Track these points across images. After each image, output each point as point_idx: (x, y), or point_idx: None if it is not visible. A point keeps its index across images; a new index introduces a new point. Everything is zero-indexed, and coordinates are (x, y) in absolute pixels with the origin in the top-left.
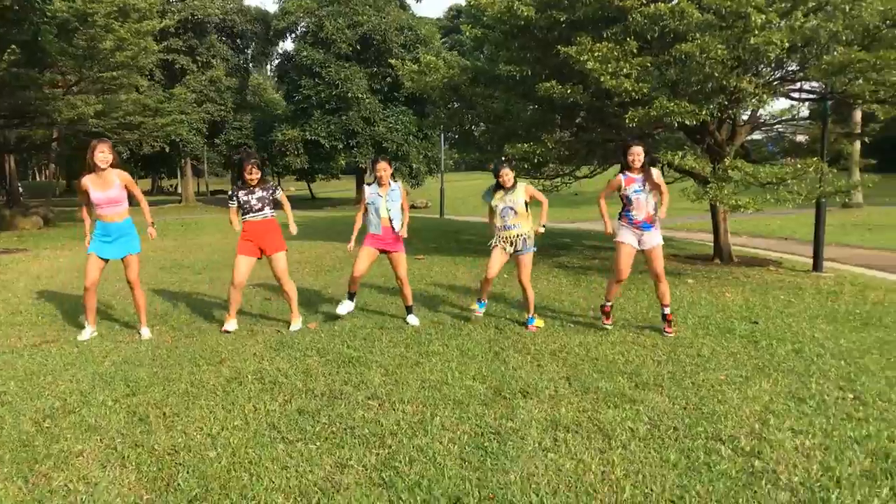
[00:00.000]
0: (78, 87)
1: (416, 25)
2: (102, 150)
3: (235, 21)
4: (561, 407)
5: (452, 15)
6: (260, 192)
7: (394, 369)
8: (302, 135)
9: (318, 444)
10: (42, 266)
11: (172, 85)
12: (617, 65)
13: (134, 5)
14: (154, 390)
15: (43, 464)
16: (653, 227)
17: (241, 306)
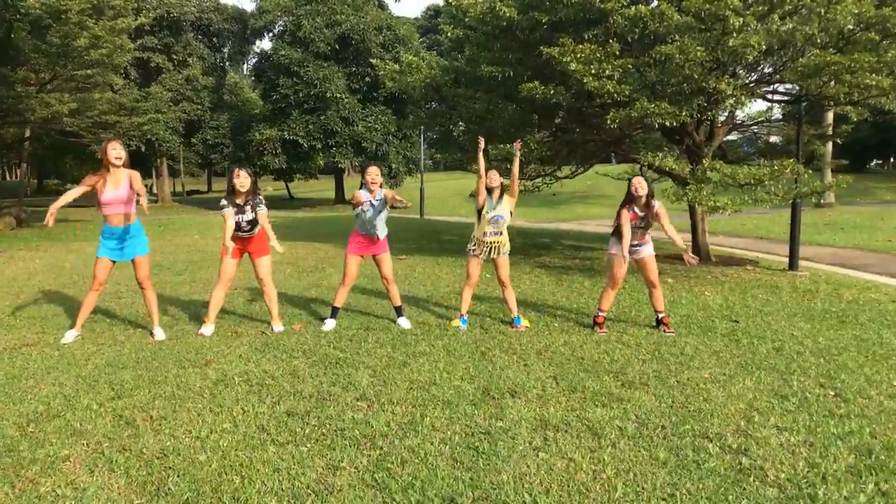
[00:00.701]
0: (52, 85)
1: (395, 25)
2: (115, 148)
3: (212, 19)
4: (549, 406)
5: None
6: (250, 214)
7: (381, 370)
8: (280, 134)
9: (308, 446)
10: (17, 268)
11: (148, 84)
12: (599, 66)
13: (108, 2)
14: (140, 393)
15: (29, 469)
16: (644, 245)
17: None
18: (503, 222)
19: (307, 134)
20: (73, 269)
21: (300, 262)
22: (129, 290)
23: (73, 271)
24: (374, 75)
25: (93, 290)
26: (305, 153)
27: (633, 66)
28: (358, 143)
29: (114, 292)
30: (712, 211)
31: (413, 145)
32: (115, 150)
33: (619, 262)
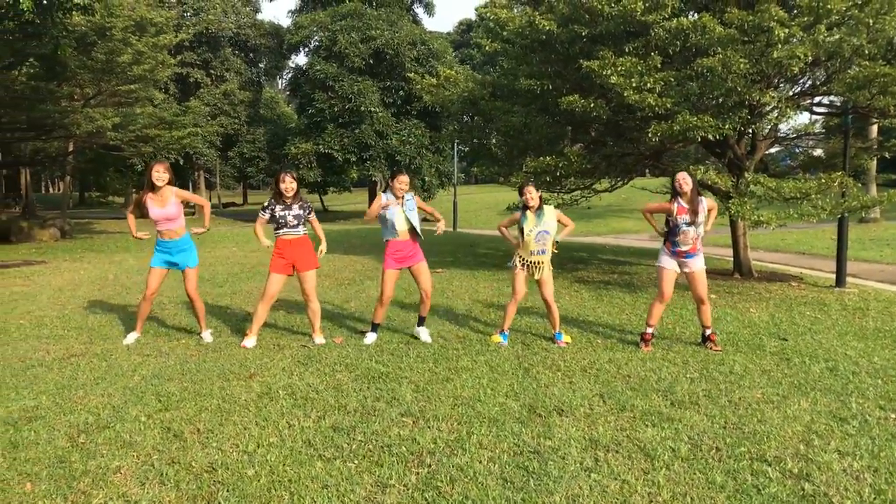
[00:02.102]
0: (95, 101)
1: (429, 40)
2: (158, 170)
3: (249, 35)
4: (598, 425)
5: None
6: (297, 209)
7: (424, 385)
8: (315, 148)
9: (356, 462)
10: (63, 279)
11: (187, 98)
12: (640, 79)
13: (151, 19)
14: (186, 406)
15: (81, 481)
16: (695, 256)
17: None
18: (549, 237)
19: (342, 147)
20: (115, 281)
21: (337, 273)
22: (173, 301)
23: (117, 282)
24: (408, 89)
25: (145, 299)
26: (340, 166)
27: (674, 78)
28: (391, 157)
29: (157, 303)
30: (756, 225)
31: (446, 158)
32: (157, 173)
33: (668, 276)
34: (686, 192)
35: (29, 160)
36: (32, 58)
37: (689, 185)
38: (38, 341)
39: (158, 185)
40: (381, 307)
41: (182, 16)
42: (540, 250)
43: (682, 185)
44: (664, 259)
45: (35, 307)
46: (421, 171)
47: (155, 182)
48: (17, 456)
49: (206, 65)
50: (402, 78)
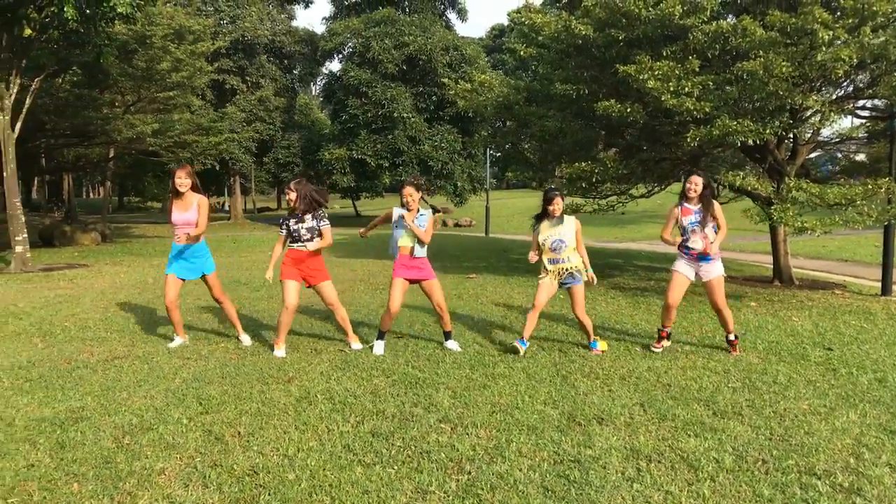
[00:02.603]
0: (135, 107)
1: (462, 46)
2: (180, 176)
3: (284, 42)
4: (639, 435)
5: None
6: (310, 221)
7: (461, 392)
8: (348, 154)
9: (396, 468)
10: (105, 282)
11: (223, 104)
12: (678, 83)
13: (189, 27)
14: (227, 409)
15: (126, 481)
16: (712, 259)
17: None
18: (564, 247)
19: (374, 153)
20: (155, 284)
21: (372, 279)
22: (210, 306)
23: (156, 286)
24: (441, 95)
25: (168, 308)
26: (372, 172)
27: (713, 82)
28: (424, 162)
29: (195, 307)
30: (799, 232)
31: (478, 164)
32: (179, 179)
33: (677, 281)
34: (694, 197)
35: (71, 166)
36: (76, 66)
37: (698, 189)
38: (82, 343)
39: (181, 191)
40: (387, 315)
41: (219, 23)
42: (556, 259)
43: (693, 189)
44: (678, 263)
45: (79, 309)
46: (453, 176)
47: (178, 188)
48: (65, 456)
49: (241, 71)
50: (435, 83)
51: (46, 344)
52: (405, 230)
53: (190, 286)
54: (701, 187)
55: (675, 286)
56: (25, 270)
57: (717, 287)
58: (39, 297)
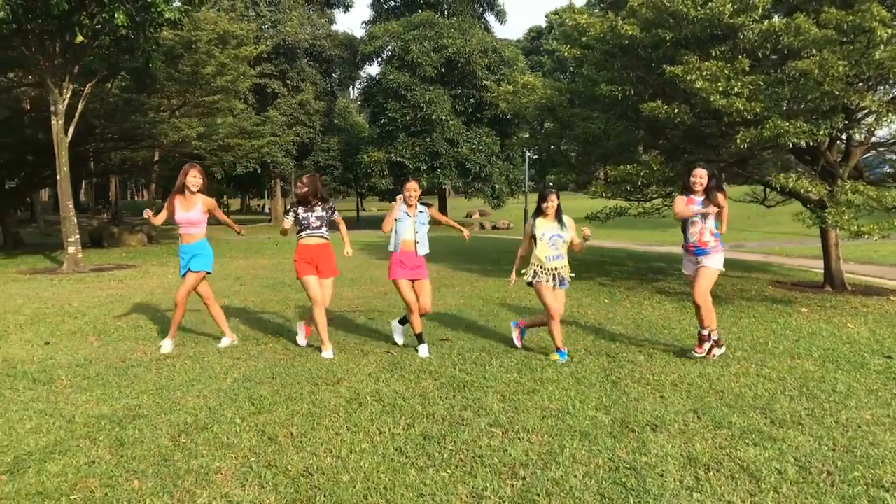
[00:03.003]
0: (181, 111)
1: (500, 48)
2: (195, 175)
3: (324, 46)
4: (695, 442)
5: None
6: (320, 210)
7: (510, 396)
8: (387, 156)
9: (449, 472)
10: (153, 282)
11: (264, 108)
12: (727, 84)
13: (232, 32)
14: (278, 409)
15: (185, 480)
16: (710, 252)
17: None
18: (561, 244)
19: (413, 156)
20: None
21: None
22: (256, 307)
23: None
24: (479, 97)
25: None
26: (410, 174)
27: (763, 82)
28: (462, 165)
29: (241, 307)
30: (856, 237)
31: (516, 166)
32: (193, 178)
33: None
34: (699, 190)
35: (117, 169)
36: (124, 71)
37: (703, 182)
38: (135, 342)
39: (193, 190)
40: (412, 315)
41: (261, 28)
42: (555, 255)
43: (697, 182)
44: (685, 265)
45: (130, 309)
46: (491, 178)
47: (190, 187)
48: (124, 453)
49: (282, 75)
50: (473, 86)
51: (101, 342)
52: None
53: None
54: (706, 179)
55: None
56: (77, 271)
57: (703, 278)
58: (92, 296)
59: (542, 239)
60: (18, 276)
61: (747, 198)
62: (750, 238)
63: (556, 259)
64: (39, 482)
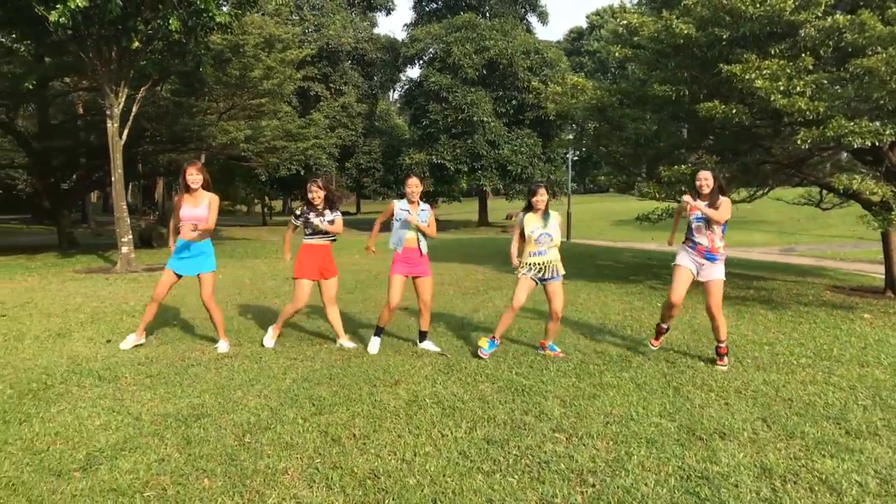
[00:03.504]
0: (228, 114)
1: (542, 49)
2: (192, 173)
3: (366, 49)
4: (768, 452)
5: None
6: (329, 215)
7: (571, 401)
8: (428, 158)
9: (516, 477)
10: None
11: (307, 111)
12: (789, 82)
13: (278, 36)
14: (339, 410)
15: (253, 480)
16: (717, 259)
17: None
18: (549, 242)
19: (454, 158)
20: (252, 285)
21: (460, 283)
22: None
23: (253, 286)
24: (521, 99)
25: (153, 300)
26: (451, 176)
27: (826, 80)
28: (503, 167)
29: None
30: None
31: (558, 168)
32: (191, 176)
33: (680, 275)
34: (705, 193)
35: (164, 171)
36: (174, 75)
37: (709, 184)
38: (192, 342)
39: (193, 188)
40: (387, 311)
41: (304, 32)
42: (539, 251)
43: (703, 185)
44: (680, 257)
45: (184, 309)
46: (532, 180)
47: (190, 184)
48: (192, 452)
49: (325, 78)
50: (515, 87)
51: (160, 341)
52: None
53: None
54: (711, 181)
55: (679, 281)
56: (130, 270)
57: (716, 290)
58: (146, 295)
59: (530, 236)
60: (75, 275)
61: (801, 200)
62: (800, 241)
63: (540, 255)
64: (112, 479)
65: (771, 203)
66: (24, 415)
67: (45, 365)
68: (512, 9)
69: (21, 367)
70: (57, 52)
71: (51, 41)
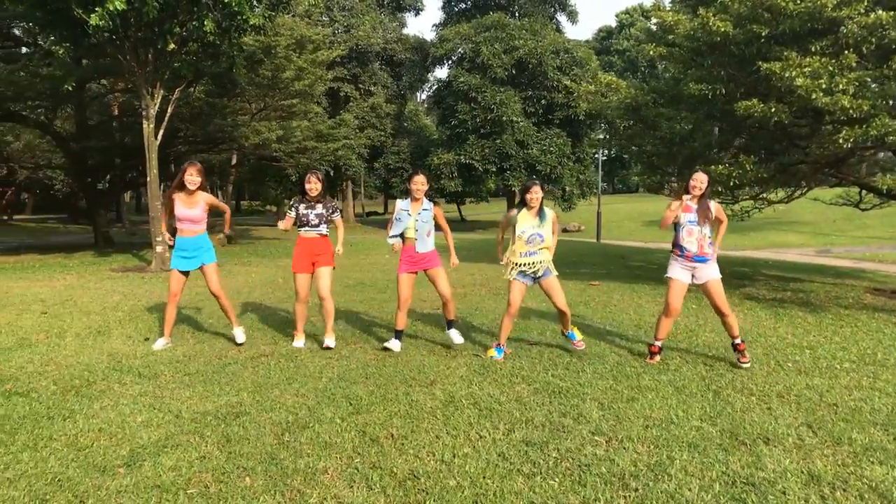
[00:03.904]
0: (260, 115)
1: (572, 48)
2: (192, 174)
3: (395, 49)
4: (815, 459)
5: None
6: (320, 209)
7: (609, 403)
8: (456, 158)
9: (557, 480)
10: (238, 281)
11: (337, 112)
12: (831, 80)
13: (309, 37)
14: (376, 410)
15: (293, 479)
16: (709, 259)
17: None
18: (540, 242)
19: (482, 157)
20: (285, 284)
21: (490, 283)
22: (341, 306)
23: (286, 286)
24: (550, 98)
25: (169, 302)
26: (479, 176)
27: (870, 78)
28: (532, 166)
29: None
30: None
31: (587, 168)
32: (190, 177)
33: (675, 288)
34: (697, 195)
35: None
36: (208, 76)
37: (702, 187)
38: (227, 340)
39: (191, 189)
40: (400, 312)
41: (334, 33)
42: (529, 252)
43: (697, 187)
44: (672, 269)
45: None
46: (562, 180)
47: (188, 185)
48: (232, 450)
49: (355, 79)
50: (545, 87)
51: (196, 339)
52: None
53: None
54: (706, 185)
55: (674, 294)
56: (165, 269)
57: (717, 290)
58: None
59: (521, 236)
60: (112, 273)
61: (840, 201)
62: (837, 242)
63: (531, 255)
64: (155, 475)
65: (806, 203)
66: (68, 411)
67: (86, 362)
68: (541, 8)
69: (64, 364)
70: (95, 54)
71: (89, 44)
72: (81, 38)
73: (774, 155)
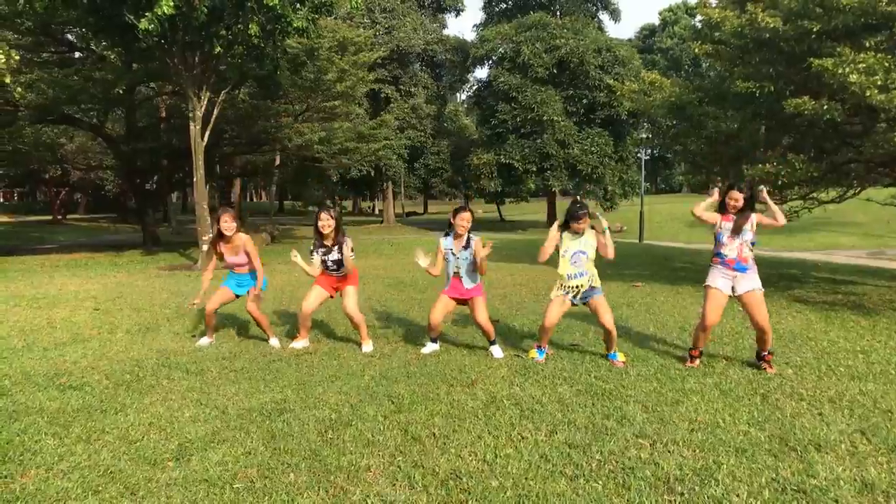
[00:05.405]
0: (303, 117)
1: (614, 47)
2: (226, 220)
3: (436, 51)
4: (869, 466)
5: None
6: (335, 254)
7: (653, 406)
8: (496, 158)
9: (601, 483)
10: (281, 280)
11: (377, 113)
12: (887, 77)
13: (351, 39)
14: (418, 409)
15: (337, 476)
16: (748, 269)
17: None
18: (585, 260)
19: (522, 158)
20: None
21: (531, 284)
22: (382, 307)
23: None
24: (592, 97)
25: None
26: (519, 176)
27: None
28: (573, 166)
29: (368, 307)
30: None
31: (630, 167)
32: (225, 223)
33: (713, 297)
34: (735, 209)
35: (240, 172)
36: (252, 79)
37: (738, 205)
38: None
39: (228, 234)
40: (429, 324)
41: (375, 35)
42: (578, 273)
43: (733, 205)
44: (713, 277)
45: (264, 305)
46: (603, 180)
47: (224, 232)
48: (277, 446)
49: (396, 80)
50: (586, 86)
51: (242, 337)
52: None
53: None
54: (742, 203)
55: (712, 305)
56: None
57: (758, 304)
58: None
59: (564, 256)
60: (160, 272)
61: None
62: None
63: (580, 277)
64: (203, 469)
65: (857, 204)
66: (120, 405)
67: (136, 357)
68: (583, 7)
69: (115, 359)
70: (144, 58)
71: (139, 48)
72: (132, 42)
73: (825, 154)
